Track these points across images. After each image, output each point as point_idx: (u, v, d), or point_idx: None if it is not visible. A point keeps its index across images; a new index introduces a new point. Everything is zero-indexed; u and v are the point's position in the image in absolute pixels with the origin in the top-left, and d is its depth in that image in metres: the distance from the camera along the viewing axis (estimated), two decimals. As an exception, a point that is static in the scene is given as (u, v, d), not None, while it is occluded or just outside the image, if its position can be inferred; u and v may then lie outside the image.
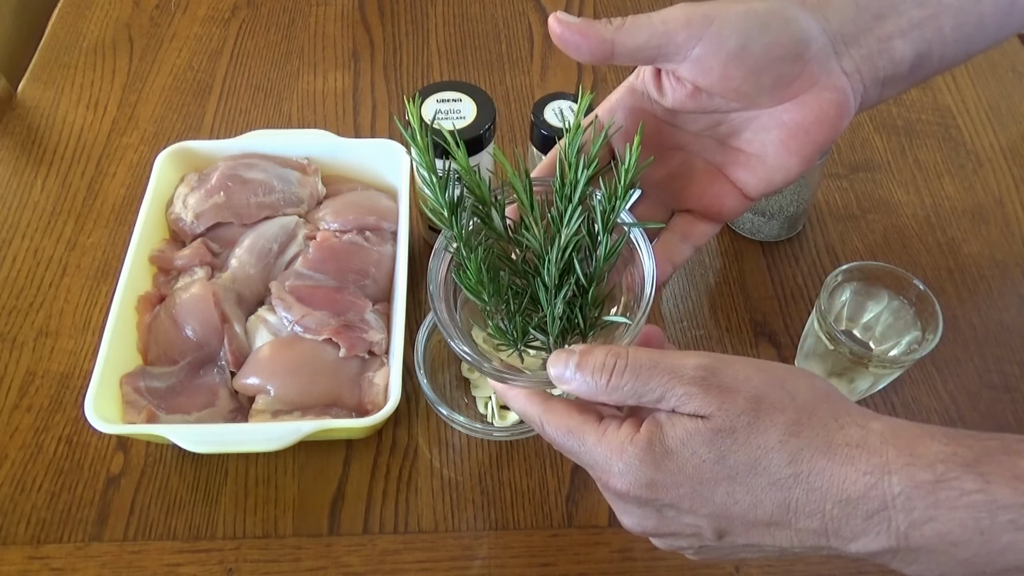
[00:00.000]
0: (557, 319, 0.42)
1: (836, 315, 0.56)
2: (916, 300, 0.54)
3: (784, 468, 0.34)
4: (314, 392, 0.55)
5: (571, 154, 0.41)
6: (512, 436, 0.55)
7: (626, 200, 0.41)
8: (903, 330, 0.55)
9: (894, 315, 0.55)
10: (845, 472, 0.33)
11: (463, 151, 0.41)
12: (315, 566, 0.51)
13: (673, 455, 0.35)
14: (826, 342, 0.53)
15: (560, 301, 0.41)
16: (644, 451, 0.35)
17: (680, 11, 0.40)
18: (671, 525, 0.37)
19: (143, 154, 0.74)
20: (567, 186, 0.41)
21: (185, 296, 0.58)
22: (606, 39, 0.40)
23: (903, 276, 0.54)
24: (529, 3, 0.88)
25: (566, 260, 0.41)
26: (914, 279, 0.54)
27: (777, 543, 0.35)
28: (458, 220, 0.41)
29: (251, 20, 0.86)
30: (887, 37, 0.42)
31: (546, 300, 0.42)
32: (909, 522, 0.32)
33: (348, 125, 0.76)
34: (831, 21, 0.41)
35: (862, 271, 0.55)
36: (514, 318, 0.43)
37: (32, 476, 0.55)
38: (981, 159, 0.75)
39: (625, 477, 0.35)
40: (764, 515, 0.34)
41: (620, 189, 0.41)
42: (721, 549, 0.37)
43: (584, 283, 0.42)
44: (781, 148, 0.43)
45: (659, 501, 0.35)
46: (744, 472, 0.34)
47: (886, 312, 0.56)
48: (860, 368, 0.53)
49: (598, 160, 0.41)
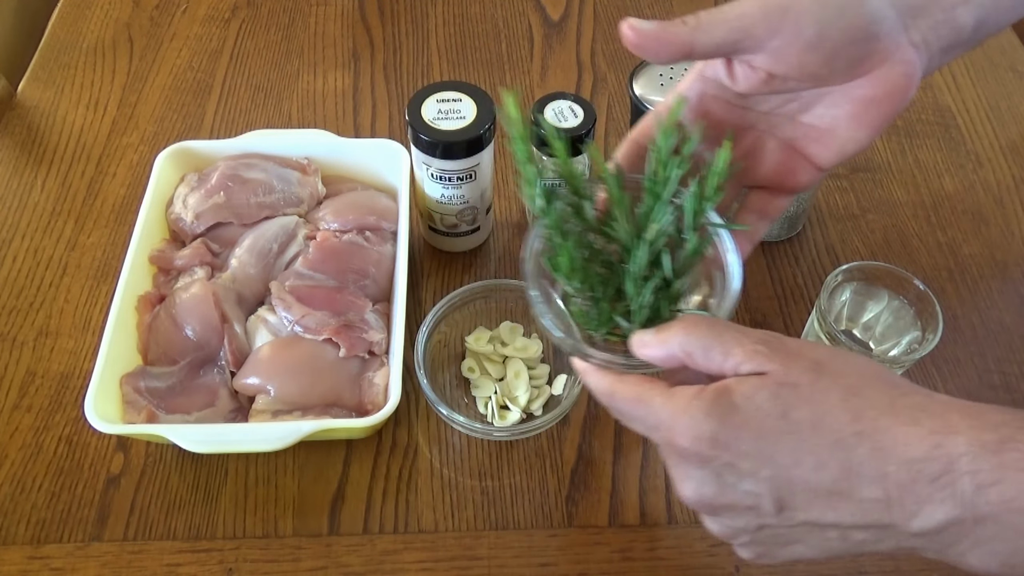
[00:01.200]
0: (642, 308, 0.43)
1: (836, 315, 0.56)
2: (916, 300, 0.54)
3: (847, 426, 0.33)
4: (314, 392, 0.55)
5: (664, 152, 0.43)
6: (512, 436, 0.55)
7: (714, 199, 0.42)
8: (903, 330, 0.55)
9: (894, 315, 0.55)
10: (909, 431, 0.33)
11: (565, 146, 0.44)
12: (315, 566, 0.51)
13: (738, 409, 0.34)
14: (826, 342, 0.53)
15: (648, 292, 0.42)
16: (710, 405, 0.35)
17: (755, 5, 0.40)
18: (729, 494, 0.36)
19: (143, 154, 0.74)
20: (657, 184, 0.43)
21: (185, 296, 0.58)
22: (684, 42, 0.41)
23: (903, 276, 0.54)
24: (529, 3, 0.88)
25: (653, 254, 0.43)
26: (914, 279, 0.54)
27: (839, 518, 0.34)
28: (553, 210, 0.43)
29: (251, 20, 0.86)
30: (951, 6, 0.42)
31: (633, 290, 0.43)
32: (975, 485, 0.32)
33: (348, 125, 0.76)
34: None
35: (862, 271, 0.55)
36: (600, 304, 0.44)
37: (32, 476, 0.55)
38: (981, 159, 0.75)
39: (689, 431, 0.35)
40: (827, 479, 0.33)
41: (709, 190, 0.42)
42: (778, 529, 0.36)
43: (669, 276, 0.43)
44: (852, 121, 0.43)
45: (720, 459, 0.35)
46: (807, 429, 0.34)
47: (886, 312, 0.56)
48: None
49: (688, 161, 0.43)
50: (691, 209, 0.43)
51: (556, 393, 0.58)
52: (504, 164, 0.73)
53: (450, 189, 0.61)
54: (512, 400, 0.57)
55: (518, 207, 0.71)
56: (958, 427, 0.32)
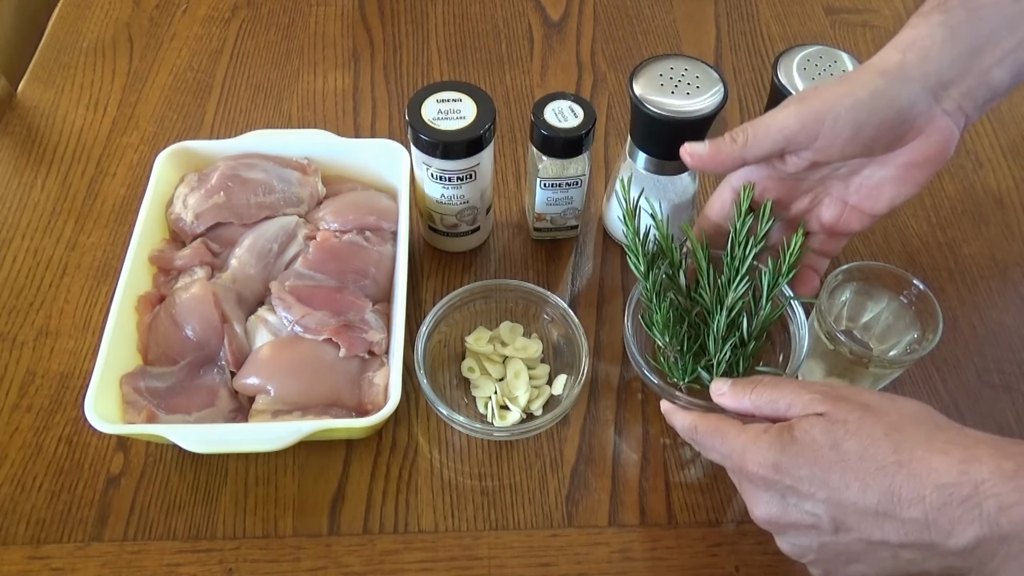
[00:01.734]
0: (721, 363, 0.52)
1: (836, 315, 0.56)
2: (916, 300, 0.54)
3: (889, 456, 0.39)
4: (314, 392, 0.55)
5: (741, 234, 0.52)
6: (512, 436, 0.55)
7: (788, 276, 0.51)
8: (903, 330, 0.55)
9: (894, 315, 0.55)
10: (941, 460, 0.38)
11: (667, 242, 0.55)
12: (315, 566, 0.51)
13: (797, 442, 0.41)
14: (826, 342, 0.53)
15: (728, 348, 0.52)
16: (774, 438, 0.42)
17: (793, 116, 0.47)
18: (792, 513, 0.41)
19: (143, 154, 0.74)
20: (736, 259, 0.52)
21: (185, 296, 0.58)
22: (737, 157, 0.49)
23: (903, 276, 0.54)
24: (529, 3, 0.88)
25: (732, 317, 0.52)
26: (914, 279, 0.54)
27: (886, 536, 0.38)
28: (654, 277, 0.53)
29: (251, 20, 0.86)
30: (985, 71, 0.46)
31: (714, 347, 0.52)
32: (998, 506, 0.36)
33: (348, 125, 0.76)
34: (929, 75, 0.46)
35: (862, 271, 0.55)
36: (686, 357, 0.53)
37: (32, 476, 0.55)
38: (981, 159, 0.75)
39: (756, 459, 0.42)
40: (872, 501, 0.38)
41: (784, 268, 0.51)
42: (838, 547, 0.41)
43: (745, 337, 0.52)
44: (898, 181, 0.49)
45: (782, 483, 0.41)
46: (854, 458, 0.39)
47: (886, 312, 0.56)
48: (860, 368, 0.53)
49: (764, 241, 0.52)
50: (767, 283, 0.52)
51: (556, 393, 0.58)
52: (504, 164, 0.73)
53: (450, 189, 0.61)
54: (512, 400, 0.57)
55: (518, 207, 0.71)
56: (982, 457, 0.37)
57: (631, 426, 0.58)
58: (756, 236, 0.52)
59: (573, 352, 0.58)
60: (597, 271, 0.66)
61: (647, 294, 0.54)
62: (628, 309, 0.55)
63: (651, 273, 0.53)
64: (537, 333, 0.61)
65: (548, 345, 0.61)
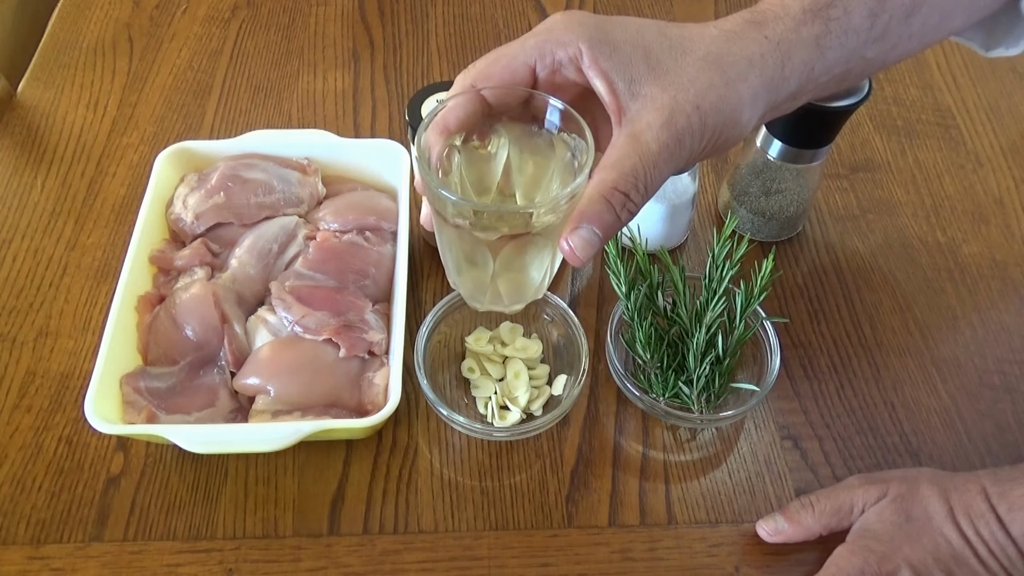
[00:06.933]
0: (701, 378, 0.55)
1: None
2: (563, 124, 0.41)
3: (945, 511, 0.48)
4: (314, 392, 0.55)
5: (719, 258, 0.55)
6: (512, 436, 0.55)
7: (759, 299, 0.55)
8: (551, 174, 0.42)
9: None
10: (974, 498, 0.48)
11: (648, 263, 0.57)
12: (315, 566, 0.51)
13: (876, 529, 0.49)
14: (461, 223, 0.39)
15: (706, 365, 0.55)
16: (856, 536, 0.49)
17: None
18: (885, 565, 0.47)
19: (143, 154, 0.74)
20: (713, 281, 0.55)
21: (185, 296, 0.58)
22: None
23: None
24: (529, 3, 0.88)
25: (709, 336, 0.55)
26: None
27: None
28: (635, 298, 0.56)
29: (251, 20, 0.86)
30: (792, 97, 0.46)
31: (693, 364, 0.55)
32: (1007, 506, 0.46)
33: (348, 125, 0.76)
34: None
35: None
36: (665, 374, 0.56)
37: (32, 476, 0.55)
38: (981, 159, 0.75)
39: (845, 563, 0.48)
40: (947, 551, 0.47)
41: (756, 290, 0.55)
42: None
43: (721, 355, 0.55)
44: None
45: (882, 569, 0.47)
46: (925, 521, 0.48)
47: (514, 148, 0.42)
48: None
49: (739, 265, 0.55)
50: (741, 304, 0.55)
51: (556, 393, 0.58)
52: (504, 164, 0.73)
53: (450, 189, 0.61)
54: (512, 400, 0.57)
55: (518, 207, 0.70)
56: (986, 483, 0.48)
57: (631, 426, 0.58)
58: (732, 260, 0.55)
59: (573, 352, 0.58)
60: (597, 271, 0.66)
61: (628, 313, 0.56)
62: (610, 328, 0.57)
63: (632, 293, 0.56)
64: (537, 333, 0.61)
65: (548, 345, 0.61)
